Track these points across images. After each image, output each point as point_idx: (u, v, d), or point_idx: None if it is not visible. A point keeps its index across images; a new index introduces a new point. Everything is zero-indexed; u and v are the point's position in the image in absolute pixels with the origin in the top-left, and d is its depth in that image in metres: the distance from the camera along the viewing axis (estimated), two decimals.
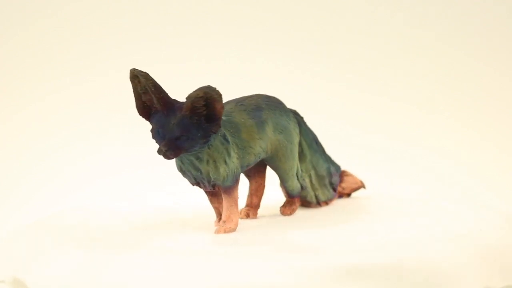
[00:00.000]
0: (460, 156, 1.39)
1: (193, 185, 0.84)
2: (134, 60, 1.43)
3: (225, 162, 0.81)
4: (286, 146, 0.88)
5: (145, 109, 0.80)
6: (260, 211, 0.91)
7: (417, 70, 1.45)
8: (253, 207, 0.90)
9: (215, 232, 0.82)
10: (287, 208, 0.91)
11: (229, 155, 0.81)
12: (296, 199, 0.91)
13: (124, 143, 1.37)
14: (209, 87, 0.77)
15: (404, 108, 1.44)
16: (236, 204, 0.83)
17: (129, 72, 0.78)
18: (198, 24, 1.45)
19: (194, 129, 0.78)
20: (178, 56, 1.43)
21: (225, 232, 0.81)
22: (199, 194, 1.01)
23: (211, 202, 0.85)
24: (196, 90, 0.77)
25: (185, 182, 0.83)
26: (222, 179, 0.81)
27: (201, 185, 0.83)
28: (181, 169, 0.82)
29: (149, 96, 0.79)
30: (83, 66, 1.43)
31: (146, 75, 0.78)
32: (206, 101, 0.77)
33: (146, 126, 0.74)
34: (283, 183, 0.90)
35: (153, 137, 0.79)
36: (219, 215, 0.85)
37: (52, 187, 1.33)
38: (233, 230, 0.82)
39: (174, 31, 1.45)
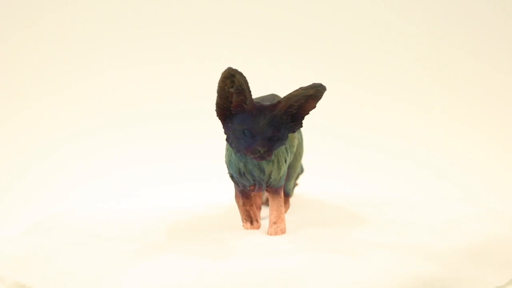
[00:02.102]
0: (460, 156, 1.39)
1: (246, 187, 0.80)
2: (134, 60, 1.43)
3: (285, 161, 0.79)
4: (301, 145, 0.88)
5: (224, 110, 0.76)
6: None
7: (417, 70, 1.45)
8: (257, 208, 0.88)
9: (269, 233, 0.80)
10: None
11: (287, 154, 0.80)
12: (288, 198, 0.91)
13: (123, 144, 1.37)
14: (321, 85, 0.74)
15: (405, 108, 1.44)
16: (283, 205, 0.82)
17: (224, 70, 0.72)
18: (199, 24, 1.45)
19: (283, 128, 0.75)
20: (178, 56, 1.43)
21: (282, 233, 0.80)
22: (197, 194, 1.01)
23: (244, 204, 0.82)
24: (306, 89, 0.74)
25: (184, 182, 0.83)
26: (279, 179, 0.79)
27: (256, 186, 0.79)
28: (239, 172, 0.78)
29: (242, 97, 0.74)
30: (83, 66, 1.43)
31: (243, 75, 0.73)
32: (306, 99, 0.75)
33: (145, 126, 0.74)
34: (286, 182, 0.89)
35: (235, 138, 0.75)
36: (248, 217, 0.83)
37: (51, 187, 1.33)
38: (285, 230, 0.80)
39: (174, 31, 1.45)
